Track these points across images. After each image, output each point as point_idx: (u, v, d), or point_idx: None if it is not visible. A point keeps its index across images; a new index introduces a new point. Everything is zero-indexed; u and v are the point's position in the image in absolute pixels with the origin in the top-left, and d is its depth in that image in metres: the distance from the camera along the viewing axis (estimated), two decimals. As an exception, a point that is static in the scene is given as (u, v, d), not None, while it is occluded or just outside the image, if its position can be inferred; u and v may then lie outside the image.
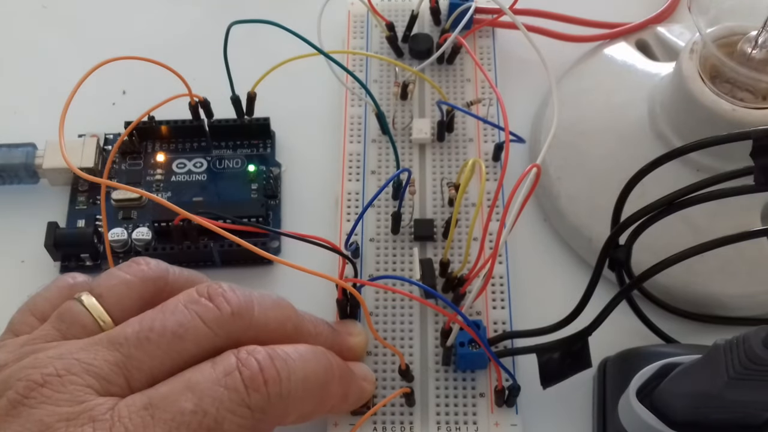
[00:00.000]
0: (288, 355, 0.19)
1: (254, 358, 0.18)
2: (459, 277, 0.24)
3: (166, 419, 0.17)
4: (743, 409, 0.18)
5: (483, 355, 0.22)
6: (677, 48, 0.29)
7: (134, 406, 0.17)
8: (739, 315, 0.25)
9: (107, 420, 0.16)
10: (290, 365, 0.18)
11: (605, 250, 0.22)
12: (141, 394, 0.17)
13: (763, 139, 0.18)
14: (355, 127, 0.28)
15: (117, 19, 0.33)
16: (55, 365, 0.17)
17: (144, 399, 0.17)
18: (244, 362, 0.18)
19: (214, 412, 0.17)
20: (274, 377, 0.18)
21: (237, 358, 0.18)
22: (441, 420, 0.23)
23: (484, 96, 0.29)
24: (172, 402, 0.17)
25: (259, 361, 0.18)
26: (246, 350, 0.18)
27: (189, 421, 0.17)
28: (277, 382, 0.18)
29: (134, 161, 0.28)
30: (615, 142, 0.27)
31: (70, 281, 0.21)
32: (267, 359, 0.18)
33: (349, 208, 0.27)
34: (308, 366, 0.19)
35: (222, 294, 0.19)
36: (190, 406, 0.17)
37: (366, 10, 0.30)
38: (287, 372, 0.18)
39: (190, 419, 0.17)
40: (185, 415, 0.17)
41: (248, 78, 0.26)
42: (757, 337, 0.16)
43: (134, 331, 0.18)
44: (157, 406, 0.17)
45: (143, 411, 0.17)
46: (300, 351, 0.19)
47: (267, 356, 0.18)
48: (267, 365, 0.18)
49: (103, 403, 0.17)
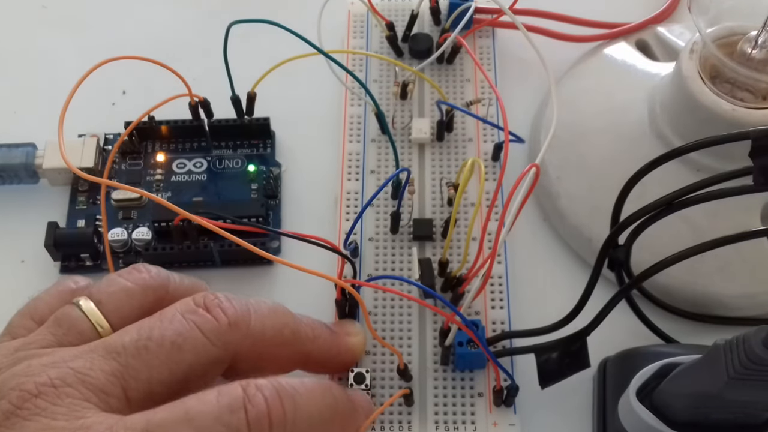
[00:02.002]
0: (296, 391, 0.18)
1: (262, 394, 0.17)
2: (458, 277, 0.24)
3: None
4: (743, 409, 0.18)
5: (481, 355, 0.22)
6: (677, 48, 0.29)
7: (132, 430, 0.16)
8: (739, 315, 0.25)
9: None
10: (297, 404, 0.18)
11: (604, 249, 0.22)
12: (141, 415, 0.17)
13: (761, 140, 0.18)
14: (355, 126, 0.28)
15: (117, 20, 0.33)
16: (49, 374, 0.17)
17: (143, 422, 0.16)
18: (251, 399, 0.17)
19: None
20: (280, 418, 0.17)
21: (245, 393, 0.17)
22: (439, 420, 0.23)
23: (483, 96, 0.29)
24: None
25: (266, 398, 0.17)
26: (255, 385, 0.17)
27: None
28: (282, 424, 0.17)
29: (134, 161, 0.28)
30: (615, 142, 0.27)
31: (71, 285, 0.20)
32: (275, 398, 0.17)
33: (348, 208, 0.27)
34: (314, 405, 0.18)
35: (219, 305, 0.19)
36: None
37: (366, 10, 0.30)
38: (293, 413, 0.18)
39: None
40: None
41: (248, 78, 0.27)
42: (757, 337, 0.16)
43: (132, 339, 0.18)
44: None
45: None
46: (307, 387, 0.18)
47: (275, 394, 0.17)
48: (274, 405, 0.17)
49: (102, 421, 0.16)
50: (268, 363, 0.20)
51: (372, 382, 0.23)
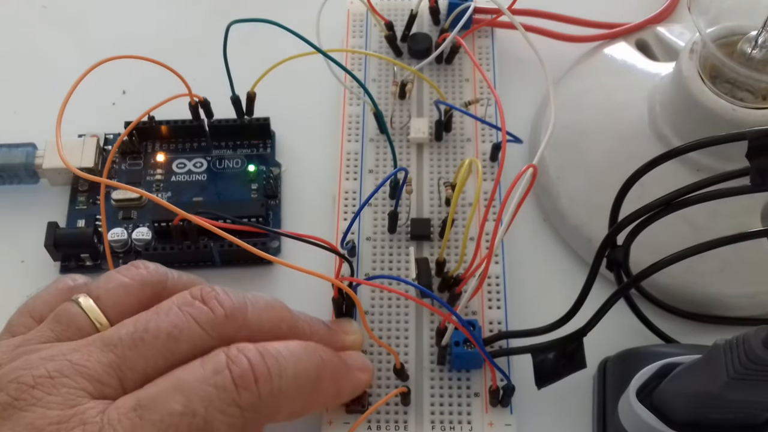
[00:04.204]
0: (279, 352, 0.19)
1: (244, 355, 0.18)
2: (455, 277, 0.24)
3: (155, 420, 0.17)
4: (743, 409, 0.18)
5: (478, 355, 0.22)
6: (677, 48, 0.28)
7: (123, 408, 0.17)
8: (738, 315, 0.25)
9: (97, 423, 0.16)
10: (281, 362, 0.18)
11: (602, 249, 0.22)
12: (131, 395, 0.17)
13: (758, 140, 0.18)
14: (353, 126, 0.28)
15: (117, 19, 0.33)
16: (46, 366, 0.17)
17: (133, 400, 0.17)
18: (233, 359, 0.18)
19: (204, 413, 0.17)
20: (265, 375, 0.18)
21: (227, 355, 0.18)
22: (435, 419, 0.23)
23: (482, 96, 0.29)
24: (160, 403, 0.17)
25: (249, 358, 0.18)
26: (236, 347, 0.18)
27: (178, 422, 0.17)
28: (267, 379, 0.18)
29: (134, 161, 0.28)
30: (615, 142, 0.27)
31: (69, 283, 0.21)
32: (257, 356, 0.18)
33: (346, 207, 0.27)
34: (299, 362, 0.19)
35: (215, 297, 0.19)
36: (178, 407, 0.17)
37: (365, 10, 0.30)
38: (278, 369, 0.18)
39: (179, 420, 0.17)
40: (174, 417, 0.17)
41: (248, 78, 0.27)
42: (756, 337, 0.16)
43: (128, 332, 0.18)
44: (146, 407, 0.17)
45: (132, 413, 0.17)
46: (291, 347, 0.19)
47: (257, 353, 0.18)
48: (257, 362, 0.18)
49: (94, 406, 0.17)
50: None
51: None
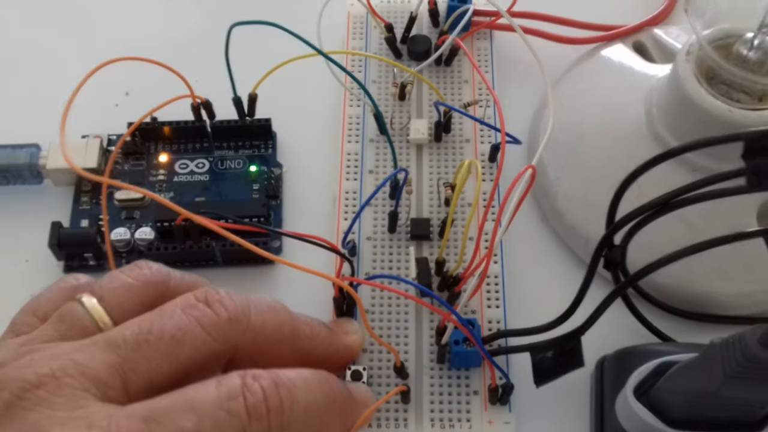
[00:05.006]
0: (292, 383, 0.18)
1: (259, 384, 0.18)
2: (454, 276, 0.24)
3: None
4: (739, 407, 0.18)
5: (477, 354, 0.23)
6: (674, 50, 0.29)
7: (134, 417, 0.16)
8: (735, 314, 0.25)
9: (104, 427, 0.16)
10: (294, 394, 0.18)
11: (599, 250, 0.22)
12: (142, 404, 0.17)
13: (753, 141, 0.18)
14: (354, 127, 0.29)
15: (121, 22, 0.33)
16: (50, 365, 0.17)
17: (144, 410, 0.17)
18: (249, 387, 0.17)
19: None
20: (277, 406, 0.18)
21: (243, 382, 0.18)
22: (435, 417, 0.23)
23: (481, 97, 0.29)
24: (172, 419, 0.17)
25: (264, 388, 0.18)
26: (252, 375, 0.18)
27: None
28: (279, 411, 0.18)
29: (137, 162, 0.29)
30: (612, 143, 0.27)
31: (73, 282, 0.21)
32: (272, 386, 0.18)
33: (346, 207, 0.27)
34: (311, 395, 0.19)
35: (219, 300, 0.19)
36: (190, 426, 0.16)
37: (365, 12, 0.31)
38: (290, 402, 0.18)
39: None
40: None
41: (250, 79, 0.27)
42: (753, 335, 0.16)
43: (132, 333, 0.18)
44: (157, 421, 0.16)
45: (142, 424, 0.16)
46: (304, 377, 0.19)
47: (272, 384, 0.18)
48: (271, 393, 0.18)
49: (101, 410, 0.16)
50: (267, 359, 0.20)
51: (369, 379, 0.23)
